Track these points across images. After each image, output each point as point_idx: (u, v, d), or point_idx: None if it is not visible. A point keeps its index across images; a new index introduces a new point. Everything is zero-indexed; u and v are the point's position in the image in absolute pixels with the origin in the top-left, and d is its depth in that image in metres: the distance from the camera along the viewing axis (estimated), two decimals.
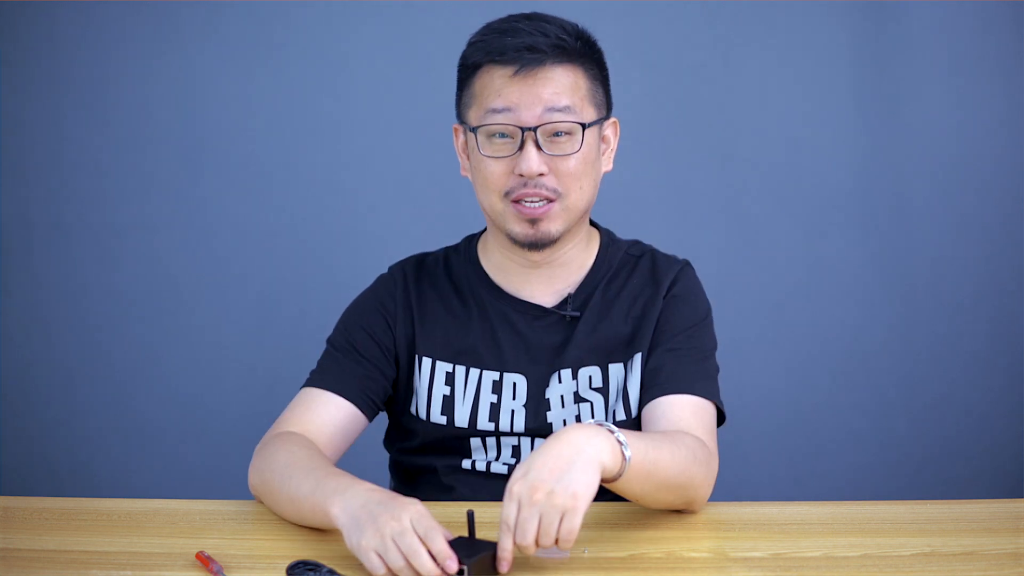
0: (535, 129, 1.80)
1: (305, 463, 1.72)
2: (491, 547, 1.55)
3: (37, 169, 2.99)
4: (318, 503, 1.62)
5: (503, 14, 1.88)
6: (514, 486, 1.51)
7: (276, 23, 2.96)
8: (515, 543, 1.51)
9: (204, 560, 1.57)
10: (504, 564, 1.53)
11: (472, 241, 2.01)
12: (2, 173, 2.98)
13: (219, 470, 2.77)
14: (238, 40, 2.97)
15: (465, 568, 1.50)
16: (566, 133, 1.82)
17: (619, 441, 1.57)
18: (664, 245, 2.02)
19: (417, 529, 1.51)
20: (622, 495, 1.66)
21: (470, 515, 1.58)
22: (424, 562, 1.49)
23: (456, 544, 1.53)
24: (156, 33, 2.95)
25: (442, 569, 1.50)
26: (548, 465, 1.51)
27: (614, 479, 1.59)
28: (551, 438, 1.55)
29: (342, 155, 2.99)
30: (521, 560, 1.57)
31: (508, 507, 1.51)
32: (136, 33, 2.96)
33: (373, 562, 1.51)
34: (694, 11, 2.95)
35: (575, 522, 1.50)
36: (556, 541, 1.50)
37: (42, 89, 2.97)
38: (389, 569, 1.51)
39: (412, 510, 1.53)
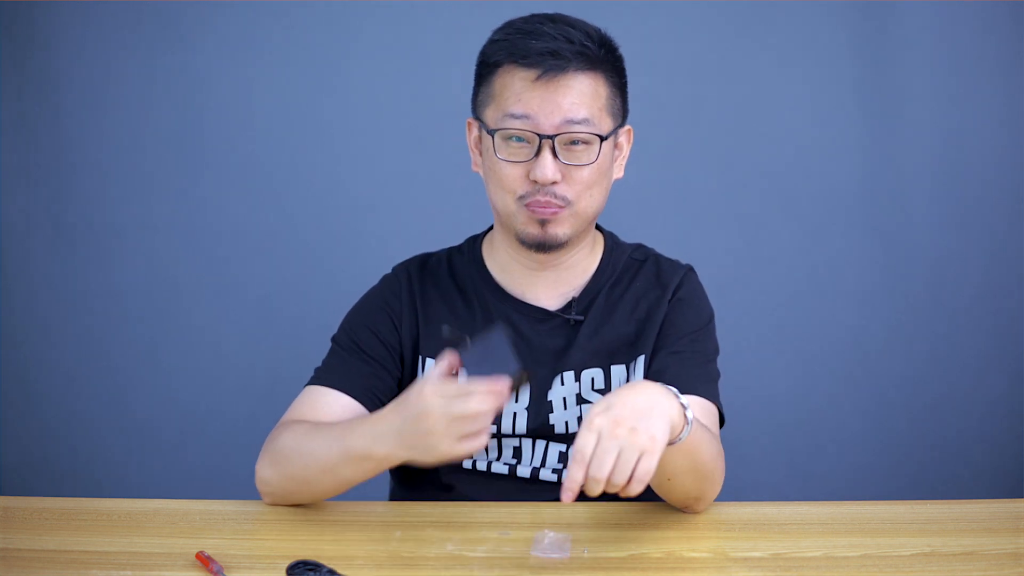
0: (553, 138, 1.80)
1: (317, 432, 1.74)
2: (502, 356, 1.59)
3: (37, 169, 2.99)
4: (359, 458, 1.67)
5: (504, 15, 1.87)
6: (596, 419, 1.50)
7: (276, 23, 2.95)
8: (587, 476, 1.48)
9: (204, 560, 1.58)
10: (569, 494, 1.49)
11: (476, 242, 2.00)
12: (2, 173, 2.98)
13: (219, 470, 2.77)
14: (238, 40, 2.97)
15: (523, 376, 1.56)
16: (583, 143, 1.81)
17: (683, 404, 1.58)
18: (666, 247, 2.02)
19: (445, 396, 1.56)
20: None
21: (445, 331, 1.63)
22: (476, 405, 1.55)
23: (471, 361, 1.58)
24: (156, 33, 2.95)
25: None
26: (631, 404, 1.51)
27: (671, 443, 1.57)
28: (626, 386, 1.57)
29: (342, 155, 2.99)
30: (521, 560, 1.57)
31: (586, 437, 1.49)
32: (136, 33, 2.95)
33: (461, 448, 1.57)
34: (694, 12, 2.95)
35: (652, 463, 1.48)
36: (629, 480, 1.47)
37: (42, 89, 2.97)
38: (469, 438, 1.57)
39: (425, 393, 1.58)
